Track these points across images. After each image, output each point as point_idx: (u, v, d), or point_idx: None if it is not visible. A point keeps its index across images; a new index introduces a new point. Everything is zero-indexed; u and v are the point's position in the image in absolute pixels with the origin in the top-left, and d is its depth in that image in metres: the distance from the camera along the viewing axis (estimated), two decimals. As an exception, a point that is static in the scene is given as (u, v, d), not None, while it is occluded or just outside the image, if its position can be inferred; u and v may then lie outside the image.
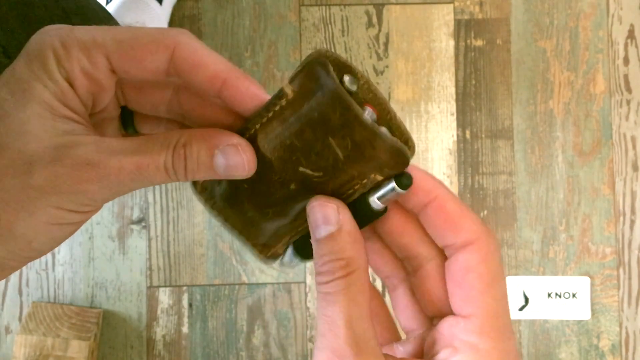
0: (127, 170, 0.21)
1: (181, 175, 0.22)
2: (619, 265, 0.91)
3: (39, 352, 0.81)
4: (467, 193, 0.91)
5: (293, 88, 0.21)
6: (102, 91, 0.23)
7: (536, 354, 0.90)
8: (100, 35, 0.22)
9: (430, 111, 0.92)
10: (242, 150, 0.22)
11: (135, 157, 0.21)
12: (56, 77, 0.21)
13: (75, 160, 0.21)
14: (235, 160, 0.22)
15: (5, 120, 0.21)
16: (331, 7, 0.92)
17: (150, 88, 0.24)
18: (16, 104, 0.21)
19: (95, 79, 0.22)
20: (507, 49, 0.93)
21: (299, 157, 0.22)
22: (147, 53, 0.22)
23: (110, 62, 0.22)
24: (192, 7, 0.92)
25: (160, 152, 0.21)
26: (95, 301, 0.89)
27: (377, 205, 0.23)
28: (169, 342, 0.89)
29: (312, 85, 0.21)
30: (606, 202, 0.91)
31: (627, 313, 0.90)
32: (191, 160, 0.22)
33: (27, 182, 0.20)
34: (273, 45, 0.92)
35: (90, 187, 0.21)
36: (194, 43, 0.22)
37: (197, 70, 0.22)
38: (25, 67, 0.21)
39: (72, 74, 0.21)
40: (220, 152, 0.22)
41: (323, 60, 0.21)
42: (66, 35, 0.21)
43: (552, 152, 0.92)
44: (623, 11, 0.93)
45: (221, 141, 0.22)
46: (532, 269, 0.91)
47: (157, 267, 0.89)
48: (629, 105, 0.92)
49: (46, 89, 0.21)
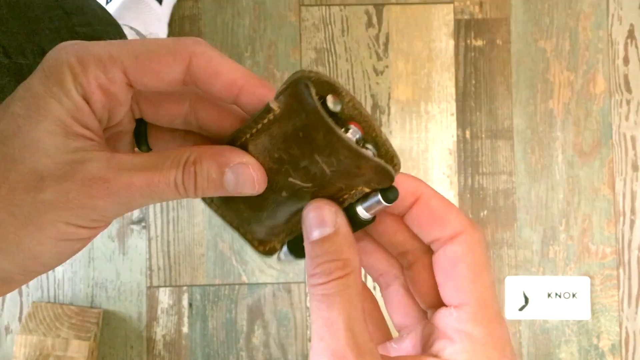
0: (137, 187, 0.21)
1: (191, 192, 0.22)
2: (619, 265, 0.91)
3: (39, 352, 0.81)
4: (467, 193, 0.91)
5: (279, 104, 0.22)
6: (118, 105, 0.23)
7: (536, 354, 0.90)
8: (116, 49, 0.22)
9: (430, 111, 0.92)
10: (252, 168, 0.23)
11: (146, 173, 0.21)
12: (72, 94, 0.21)
13: (86, 176, 0.21)
14: (245, 178, 0.22)
15: (19, 136, 0.21)
16: (331, 7, 0.92)
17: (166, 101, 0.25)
18: (30, 120, 0.21)
19: (112, 93, 0.22)
20: (507, 49, 0.93)
21: (287, 169, 0.23)
22: (163, 65, 0.22)
23: (127, 76, 0.22)
24: (192, 7, 0.92)
25: (170, 169, 0.21)
26: (95, 301, 0.89)
27: (365, 215, 0.23)
28: (169, 342, 0.89)
29: (296, 105, 0.21)
30: (606, 202, 0.91)
31: (627, 313, 0.90)
32: (201, 177, 0.22)
33: (38, 197, 0.21)
34: (273, 45, 0.92)
35: (100, 203, 0.21)
36: (210, 52, 0.23)
37: (213, 79, 0.23)
38: (41, 84, 0.21)
39: (88, 91, 0.22)
40: (230, 170, 0.22)
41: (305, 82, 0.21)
42: (82, 51, 0.22)
43: (552, 152, 0.92)
44: (623, 11, 0.93)
45: (231, 159, 0.22)
46: (532, 269, 0.91)
47: (157, 267, 0.89)
48: (629, 105, 0.92)
49: (61, 106, 0.21)
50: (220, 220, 0.26)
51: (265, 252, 0.26)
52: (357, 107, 0.22)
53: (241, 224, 0.26)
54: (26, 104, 0.21)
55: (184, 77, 0.23)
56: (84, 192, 0.21)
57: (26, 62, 0.48)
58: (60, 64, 0.21)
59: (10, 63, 0.47)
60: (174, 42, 0.22)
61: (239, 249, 0.90)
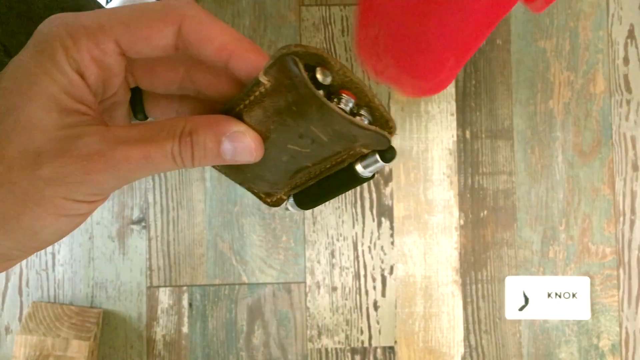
0: (135, 159, 0.21)
1: (188, 162, 0.22)
2: (619, 265, 0.91)
3: (39, 352, 0.81)
4: (467, 193, 0.91)
5: (268, 79, 0.21)
6: (113, 76, 0.23)
7: (536, 354, 0.90)
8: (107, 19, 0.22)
9: (430, 111, 0.92)
10: (249, 137, 0.23)
11: (142, 145, 0.21)
12: (65, 69, 0.21)
13: (82, 151, 0.21)
14: (242, 147, 0.22)
15: (13, 114, 0.21)
16: (331, 7, 0.92)
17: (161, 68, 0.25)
18: (23, 97, 0.21)
19: (106, 65, 0.22)
20: (507, 49, 0.93)
21: (285, 137, 0.23)
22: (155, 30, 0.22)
23: (119, 46, 0.22)
24: (192, 7, 0.92)
25: (166, 140, 0.21)
26: (95, 301, 0.89)
27: (365, 174, 0.24)
28: (169, 342, 0.89)
29: (285, 80, 0.21)
30: (606, 202, 0.91)
31: (627, 313, 0.90)
32: (198, 147, 0.22)
33: (35, 174, 0.21)
34: (273, 45, 0.92)
35: (98, 177, 0.21)
36: (201, 14, 0.22)
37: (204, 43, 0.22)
38: (32, 60, 0.21)
39: (82, 64, 0.21)
40: (227, 139, 0.22)
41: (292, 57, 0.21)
42: (72, 23, 0.21)
43: (552, 152, 0.92)
44: (623, 11, 0.93)
45: (228, 128, 0.22)
46: (532, 269, 0.91)
47: (157, 267, 0.89)
48: (629, 105, 0.92)
49: (54, 81, 0.21)
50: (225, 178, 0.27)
51: (272, 203, 0.27)
52: (348, 74, 0.22)
53: (245, 181, 0.26)
54: (18, 80, 0.21)
55: (176, 41, 0.22)
56: (82, 167, 0.21)
57: (26, 61, 0.48)
58: (51, 38, 0.21)
59: (11, 62, 0.47)
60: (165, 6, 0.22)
61: (239, 249, 0.90)
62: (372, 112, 0.23)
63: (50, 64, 0.21)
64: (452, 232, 0.91)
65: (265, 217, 0.90)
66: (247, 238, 0.90)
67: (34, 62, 0.21)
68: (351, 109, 0.22)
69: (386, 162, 0.23)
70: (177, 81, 0.25)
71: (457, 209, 0.91)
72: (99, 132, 0.21)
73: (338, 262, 0.90)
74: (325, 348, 0.90)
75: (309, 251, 0.90)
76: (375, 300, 0.90)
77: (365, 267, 0.90)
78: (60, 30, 0.21)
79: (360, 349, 0.90)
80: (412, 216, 0.91)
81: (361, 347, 0.90)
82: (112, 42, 0.22)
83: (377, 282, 0.90)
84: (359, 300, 0.90)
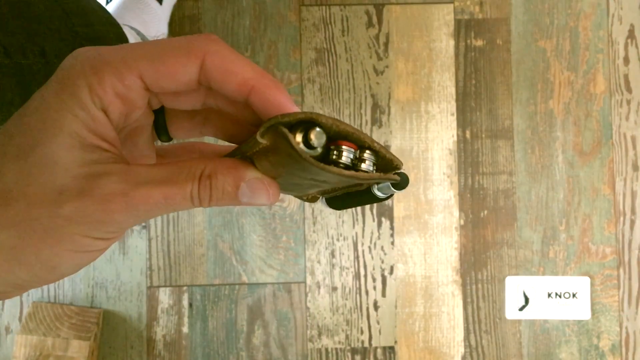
0: (155, 200, 0.22)
1: (205, 203, 0.23)
2: (619, 265, 0.91)
3: (39, 352, 0.81)
4: (467, 193, 0.91)
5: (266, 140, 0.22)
6: (136, 109, 0.23)
7: (536, 354, 0.90)
8: (131, 55, 0.22)
9: (430, 111, 0.92)
10: (267, 182, 0.23)
11: (163, 187, 0.22)
12: (88, 107, 0.21)
13: (104, 191, 0.21)
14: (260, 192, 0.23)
15: (36, 150, 0.21)
16: (331, 7, 0.92)
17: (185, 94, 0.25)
18: (46, 133, 0.21)
19: (130, 100, 0.22)
20: (507, 49, 0.93)
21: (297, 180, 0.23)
22: (179, 66, 0.22)
23: (143, 81, 0.22)
24: (192, 7, 0.92)
25: (187, 182, 0.22)
26: (95, 301, 0.89)
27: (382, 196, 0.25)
28: (169, 342, 0.89)
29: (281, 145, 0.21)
30: (606, 202, 0.91)
31: (627, 313, 0.90)
32: (217, 190, 0.22)
33: (56, 212, 0.21)
34: (273, 45, 0.92)
35: (118, 217, 0.21)
36: (224, 50, 0.23)
37: (227, 78, 0.23)
38: (55, 96, 0.21)
39: (106, 101, 0.22)
40: (246, 185, 0.23)
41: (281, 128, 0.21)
42: (97, 59, 0.22)
43: (552, 152, 0.92)
44: (623, 11, 0.93)
45: (247, 174, 0.23)
46: (532, 269, 0.91)
47: (157, 267, 0.89)
48: (629, 105, 0.92)
49: (76, 118, 0.21)
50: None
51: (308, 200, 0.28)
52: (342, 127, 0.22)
53: None
54: (41, 117, 0.21)
55: (199, 76, 0.23)
56: (103, 208, 0.21)
57: (26, 62, 0.48)
58: (75, 75, 0.21)
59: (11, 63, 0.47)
60: (188, 42, 0.22)
61: (239, 249, 0.90)
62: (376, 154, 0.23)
63: (73, 101, 0.21)
64: (452, 232, 0.91)
65: (266, 217, 0.90)
66: (247, 238, 0.90)
67: (57, 99, 0.21)
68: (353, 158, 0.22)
69: (398, 190, 0.24)
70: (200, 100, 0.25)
71: (457, 209, 0.91)
72: (120, 171, 0.22)
73: (338, 262, 0.90)
74: (325, 348, 0.90)
75: (309, 251, 0.90)
76: (376, 300, 0.90)
77: (366, 267, 0.90)
78: (84, 67, 0.21)
79: (361, 349, 0.90)
80: (412, 216, 0.91)
81: (361, 347, 0.90)
82: (136, 77, 0.22)
83: (377, 282, 0.90)
84: (359, 300, 0.90)
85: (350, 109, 0.91)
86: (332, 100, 0.91)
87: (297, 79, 0.91)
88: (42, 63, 0.50)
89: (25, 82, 0.49)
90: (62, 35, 0.52)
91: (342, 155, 0.22)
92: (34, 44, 0.49)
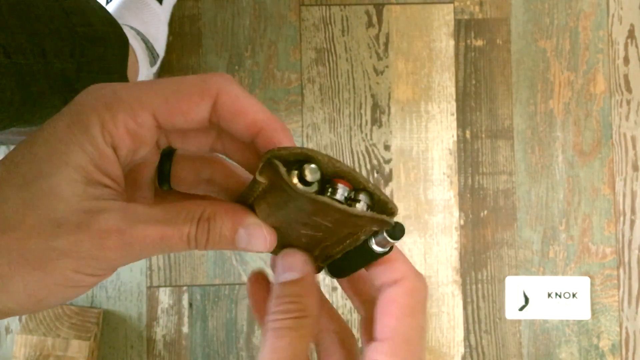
0: (151, 240, 0.21)
1: (201, 245, 0.22)
2: (619, 265, 0.91)
3: (39, 352, 0.81)
4: (467, 193, 0.91)
5: (264, 178, 0.22)
6: (145, 146, 0.23)
7: (536, 354, 0.90)
8: (146, 93, 0.22)
9: (430, 111, 0.92)
10: (264, 229, 0.23)
11: (160, 227, 0.21)
12: (98, 143, 0.21)
13: (101, 227, 0.21)
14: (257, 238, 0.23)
15: (40, 181, 0.21)
16: (331, 7, 0.92)
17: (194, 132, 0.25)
18: (51, 165, 0.21)
19: (140, 137, 0.22)
20: (507, 49, 0.93)
21: (295, 226, 0.23)
22: (192, 105, 0.22)
23: (156, 119, 0.22)
24: (192, 7, 0.92)
25: (184, 224, 0.22)
26: (96, 301, 0.89)
27: (380, 250, 0.24)
28: (169, 342, 0.89)
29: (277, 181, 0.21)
30: (606, 202, 0.91)
31: (627, 313, 0.90)
32: (214, 233, 0.22)
33: (51, 244, 0.21)
34: (273, 45, 0.92)
35: (112, 254, 0.21)
36: (236, 90, 0.23)
37: (237, 118, 0.23)
38: (67, 129, 0.21)
39: (116, 138, 0.22)
40: (243, 230, 0.23)
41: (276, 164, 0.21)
42: (111, 97, 0.22)
43: (552, 152, 0.92)
44: (623, 11, 0.93)
45: (245, 220, 0.23)
46: (532, 269, 0.91)
47: (157, 267, 0.89)
48: (629, 105, 0.92)
49: (84, 153, 0.21)
50: None
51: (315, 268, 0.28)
52: (337, 165, 0.22)
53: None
54: (49, 148, 0.21)
55: (210, 115, 0.23)
56: (98, 244, 0.21)
57: (26, 62, 0.48)
58: (89, 110, 0.21)
59: (10, 63, 0.47)
60: (202, 80, 0.23)
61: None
62: (371, 195, 0.23)
63: (84, 136, 0.21)
64: (452, 232, 0.91)
65: (265, 217, 0.90)
66: (247, 238, 0.90)
67: (67, 132, 0.21)
68: (347, 196, 0.22)
69: (395, 240, 0.23)
70: (209, 144, 0.25)
71: (457, 209, 0.91)
72: (120, 208, 0.21)
73: (338, 262, 0.90)
74: (325, 348, 0.90)
75: (309, 251, 0.90)
76: (375, 300, 0.90)
77: (365, 267, 0.90)
78: (98, 103, 0.22)
79: (361, 349, 0.90)
80: (412, 216, 0.91)
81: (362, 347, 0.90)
82: (149, 115, 0.22)
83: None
84: (359, 300, 0.90)
85: (350, 109, 0.91)
86: (332, 100, 0.91)
87: (297, 79, 0.91)
88: (42, 63, 0.50)
89: (25, 82, 0.49)
90: (62, 35, 0.52)
91: (336, 193, 0.22)
92: (34, 44, 0.49)
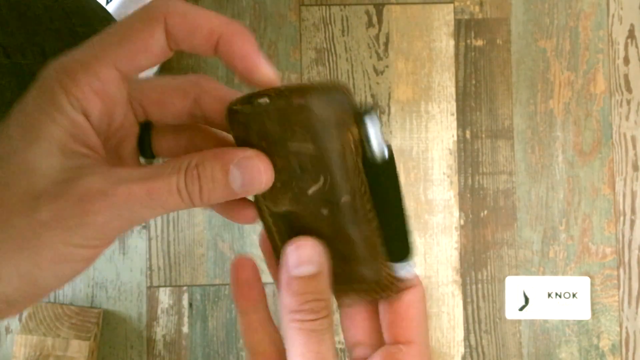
0: (137, 196, 0.20)
1: (196, 196, 0.21)
2: (619, 265, 0.91)
3: (39, 352, 0.81)
4: (467, 193, 0.91)
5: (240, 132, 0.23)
6: (117, 105, 0.22)
7: (536, 354, 0.90)
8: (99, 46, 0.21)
9: (430, 111, 0.92)
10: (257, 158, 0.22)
11: (146, 182, 0.20)
12: (67, 111, 0.21)
13: (81, 191, 0.20)
14: (251, 171, 0.21)
15: (14, 158, 0.20)
16: (331, 7, 0.92)
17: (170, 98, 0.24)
18: (25, 141, 0.20)
19: (108, 95, 0.22)
20: (507, 49, 0.93)
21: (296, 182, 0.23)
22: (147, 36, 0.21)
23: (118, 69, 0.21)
24: (192, 7, 0.92)
25: (171, 175, 0.21)
26: (95, 301, 0.89)
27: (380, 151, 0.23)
28: (169, 342, 0.89)
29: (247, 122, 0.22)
30: (606, 202, 0.91)
31: (627, 313, 0.90)
32: (205, 179, 0.21)
33: (33, 217, 0.20)
34: (273, 45, 0.92)
35: (98, 219, 0.20)
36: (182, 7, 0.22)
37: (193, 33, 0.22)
38: (34, 103, 0.21)
39: (84, 101, 0.21)
40: (235, 167, 0.21)
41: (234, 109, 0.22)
42: (68, 62, 0.21)
43: (552, 152, 0.92)
44: (623, 11, 0.93)
45: (235, 155, 0.21)
46: (532, 269, 0.91)
47: (157, 267, 0.89)
48: (629, 105, 0.92)
49: (55, 124, 0.21)
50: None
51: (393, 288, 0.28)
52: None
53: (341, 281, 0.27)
54: (21, 125, 0.21)
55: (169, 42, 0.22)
56: (80, 209, 0.20)
57: (26, 62, 0.48)
58: (50, 80, 0.21)
59: (10, 63, 0.47)
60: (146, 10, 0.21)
61: (239, 249, 0.90)
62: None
63: (51, 107, 0.21)
64: (452, 232, 0.91)
65: (265, 217, 0.90)
66: (247, 238, 0.90)
67: (35, 106, 0.21)
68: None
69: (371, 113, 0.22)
70: (186, 111, 0.24)
71: (457, 209, 0.91)
72: (101, 172, 0.21)
73: (338, 262, 0.90)
74: (325, 348, 0.90)
75: (309, 251, 0.90)
76: (376, 300, 0.90)
77: (366, 267, 0.90)
78: (58, 72, 0.21)
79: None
80: (412, 216, 0.91)
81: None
82: (110, 67, 0.21)
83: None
84: (359, 300, 0.90)
85: (350, 109, 0.91)
86: (332, 100, 0.91)
87: (297, 79, 0.91)
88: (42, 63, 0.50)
89: (24, 82, 0.49)
90: (62, 35, 0.52)
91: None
92: (34, 44, 0.49)
